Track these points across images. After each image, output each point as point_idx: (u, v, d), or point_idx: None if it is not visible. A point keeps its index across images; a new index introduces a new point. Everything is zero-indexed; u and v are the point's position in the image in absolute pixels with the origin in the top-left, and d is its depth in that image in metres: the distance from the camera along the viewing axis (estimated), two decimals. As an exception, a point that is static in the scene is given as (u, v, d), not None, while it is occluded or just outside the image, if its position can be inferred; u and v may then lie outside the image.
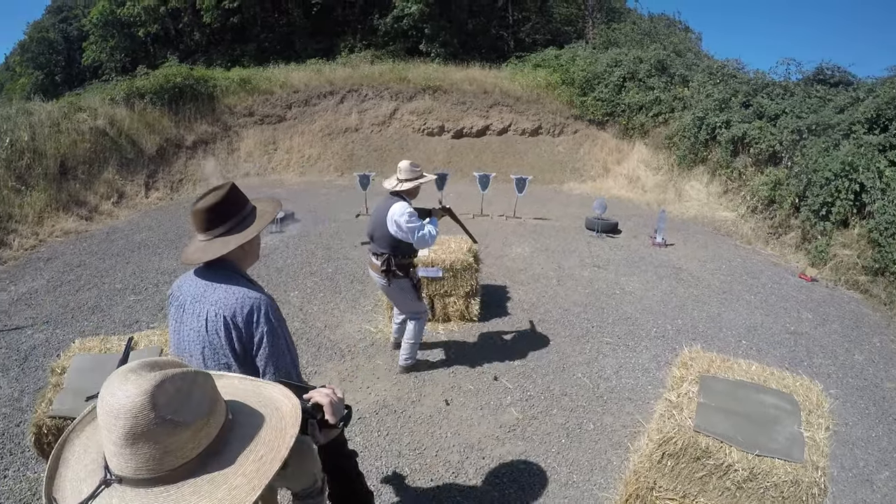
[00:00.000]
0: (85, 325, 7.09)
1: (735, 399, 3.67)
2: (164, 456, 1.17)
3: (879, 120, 11.08)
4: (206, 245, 2.47)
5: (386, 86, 18.59)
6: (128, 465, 1.17)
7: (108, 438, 1.17)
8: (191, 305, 2.49)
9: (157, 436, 1.15)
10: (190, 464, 1.22)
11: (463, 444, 4.95)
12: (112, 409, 1.15)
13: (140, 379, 1.18)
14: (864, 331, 7.99)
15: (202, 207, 2.44)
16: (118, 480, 1.20)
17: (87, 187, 12.36)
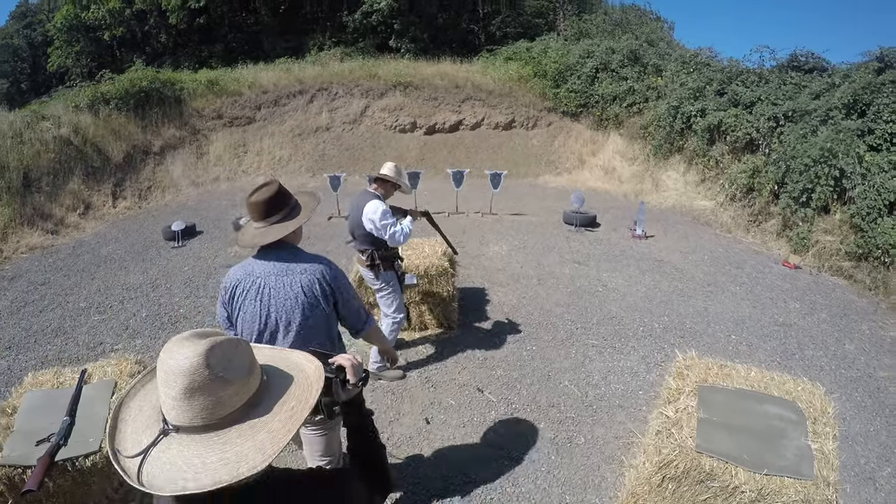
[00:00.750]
0: (48, 349, 6.73)
1: (737, 412, 3.42)
2: (215, 406, 1.41)
3: (857, 105, 10.98)
4: (266, 230, 2.97)
5: (356, 83, 18.23)
6: (185, 415, 1.40)
7: (167, 394, 1.40)
8: (277, 279, 2.98)
9: (209, 389, 1.39)
10: (235, 413, 1.45)
11: (446, 467, 4.66)
12: (172, 368, 1.39)
13: (195, 344, 1.42)
14: (852, 318, 7.85)
15: (260, 200, 2.93)
16: (175, 430, 1.43)
17: (52, 199, 11.89)
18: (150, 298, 8.05)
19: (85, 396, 3.54)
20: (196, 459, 1.39)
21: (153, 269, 9.14)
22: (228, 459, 1.39)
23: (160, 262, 9.47)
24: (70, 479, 3.20)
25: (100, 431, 3.33)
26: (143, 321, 7.39)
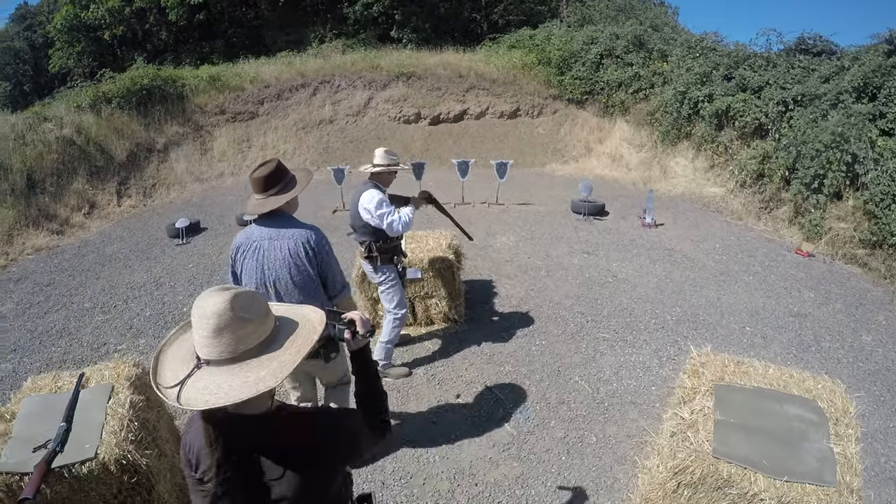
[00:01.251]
0: (52, 351, 6.65)
1: (755, 412, 3.28)
2: (238, 343, 1.74)
3: (867, 88, 10.76)
4: (264, 201, 3.50)
5: (359, 75, 18.07)
6: (214, 350, 1.73)
7: (200, 334, 1.74)
8: (269, 243, 3.55)
9: (233, 328, 1.72)
10: (254, 349, 1.79)
11: (453, 468, 4.55)
12: (204, 312, 1.72)
13: (221, 294, 1.75)
14: (868, 308, 7.67)
15: (259, 176, 3.47)
16: (206, 363, 1.76)
17: (56, 200, 11.83)
18: (154, 297, 7.98)
19: (82, 401, 3.53)
20: (224, 384, 1.71)
21: (157, 267, 9.06)
22: (248, 382, 1.72)
23: (164, 259, 9.40)
24: (67, 485, 3.13)
25: (96, 437, 3.26)
26: (146, 320, 7.31)
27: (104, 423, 3.37)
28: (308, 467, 1.93)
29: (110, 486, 3.26)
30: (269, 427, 1.91)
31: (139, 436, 3.45)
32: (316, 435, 1.99)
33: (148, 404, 3.87)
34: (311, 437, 1.98)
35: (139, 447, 3.37)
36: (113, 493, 3.30)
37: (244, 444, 1.86)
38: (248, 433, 1.86)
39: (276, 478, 1.87)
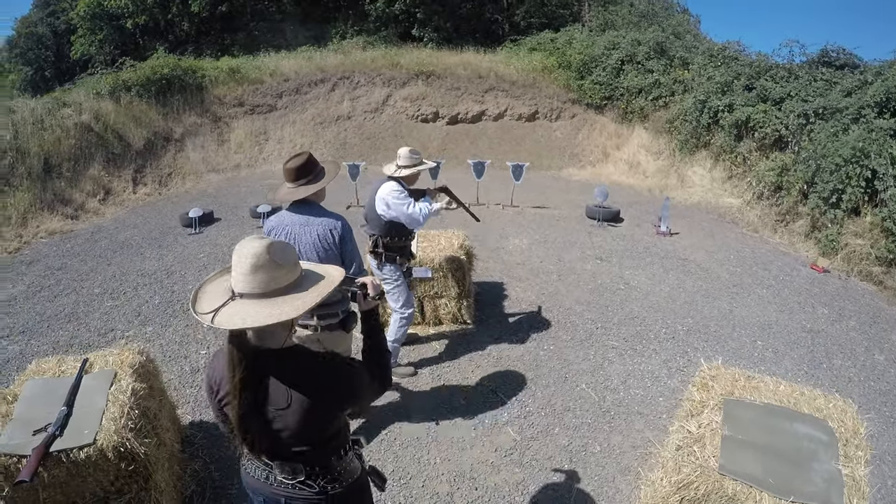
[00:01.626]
0: (60, 334, 6.64)
1: (764, 430, 3.22)
2: (269, 282, 2.02)
3: (889, 104, 10.61)
4: (295, 190, 3.81)
5: (378, 72, 18.08)
6: (248, 286, 2.01)
7: (238, 271, 2.02)
8: (301, 228, 3.85)
9: (267, 269, 2.01)
10: (282, 288, 2.05)
11: (453, 471, 4.50)
12: (245, 252, 2.01)
13: (261, 240, 2.06)
14: (881, 327, 7.56)
15: (291, 167, 3.76)
16: (240, 296, 2.03)
17: (72, 185, 11.87)
18: (164, 285, 7.97)
19: (84, 386, 3.57)
20: (252, 311, 1.99)
21: (169, 255, 9.06)
22: (273, 313, 1.99)
23: (176, 248, 9.39)
24: (65, 470, 3.15)
25: (95, 423, 3.28)
26: (155, 308, 7.30)
27: (105, 410, 3.39)
28: (311, 403, 2.16)
29: (108, 472, 3.27)
30: (283, 361, 2.17)
31: (139, 424, 3.46)
32: (322, 374, 2.25)
33: (150, 392, 3.89)
34: (318, 375, 2.23)
35: (138, 435, 3.38)
36: (110, 479, 3.31)
37: (261, 373, 2.12)
38: (264, 364, 2.12)
39: (283, 408, 2.14)
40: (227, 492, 4.25)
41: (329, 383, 2.23)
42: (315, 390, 2.18)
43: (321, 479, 2.36)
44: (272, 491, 2.36)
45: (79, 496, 3.28)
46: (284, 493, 2.34)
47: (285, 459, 2.28)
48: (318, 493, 2.35)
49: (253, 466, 2.38)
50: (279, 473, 2.30)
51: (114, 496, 3.37)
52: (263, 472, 2.34)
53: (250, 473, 2.40)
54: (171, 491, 3.79)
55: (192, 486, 4.23)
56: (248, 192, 12.97)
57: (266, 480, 2.35)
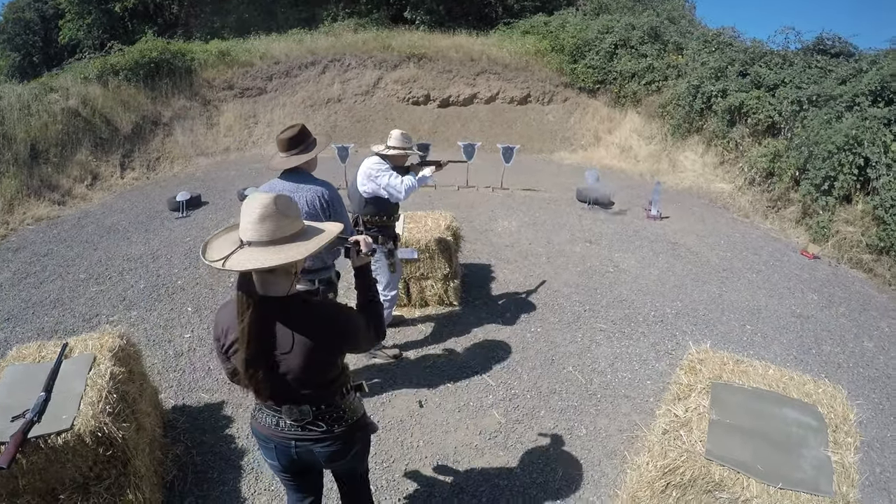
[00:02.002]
0: (45, 321, 6.55)
1: (752, 414, 3.17)
2: (275, 230, 2.25)
3: (884, 93, 10.55)
4: (287, 159, 3.95)
5: (369, 54, 17.88)
6: (256, 234, 2.24)
7: (247, 220, 2.24)
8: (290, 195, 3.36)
9: (273, 219, 2.24)
10: (286, 237, 2.29)
11: (437, 454, 4.45)
12: (254, 203, 2.24)
13: (269, 193, 2.30)
14: (871, 314, 7.53)
15: (284, 137, 3.92)
16: (248, 244, 2.25)
17: (59, 171, 11.68)
18: (150, 269, 7.87)
19: (64, 371, 3.53)
20: (260, 256, 2.22)
21: (155, 239, 8.94)
22: (279, 257, 2.22)
23: (163, 232, 9.27)
24: (43, 456, 3.12)
25: (73, 409, 3.25)
26: (140, 292, 7.22)
27: (83, 395, 3.36)
28: (313, 346, 2.38)
29: (86, 458, 3.25)
30: (287, 308, 2.37)
31: (117, 408, 3.42)
32: (323, 318, 2.46)
33: (130, 377, 3.85)
34: (319, 319, 2.44)
35: (116, 420, 3.35)
36: (89, 465, 3.29)
37: (267, 319, 2.32)
38: (270, 310, 2.33)
39: (287, 352, 2.36)
40: (209, 475, 4.21)
41: (329, 327, 2.45)
42: (316, 333, 2.40)
43: (327, 418, 2.61)
44: (282, 436, 2.62)
45: (58, 482, 3.25)
46: (294, 436, 2.61)
47: (293, 403, 2.52)
48: (325, 432, 2.61)
49: (263, 415, 2.63)
50: (287, 418, 2.56)
51: (93, 482, 3.34)
52: (273, 419, 2.60)
53: (261, 422, 2.66)
54: (151, 476, 3.75)
55: (174, 470, 4.20)
56: (237, 176, 12.84)
57: (276, 427, 2.61)
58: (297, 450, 2.66)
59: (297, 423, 2.57)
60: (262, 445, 2.76)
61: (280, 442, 2.65)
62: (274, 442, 2.66)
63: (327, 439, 2.63)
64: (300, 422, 2.56)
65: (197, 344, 6.04)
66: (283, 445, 2.66)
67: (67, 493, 3.27)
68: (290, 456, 2.70)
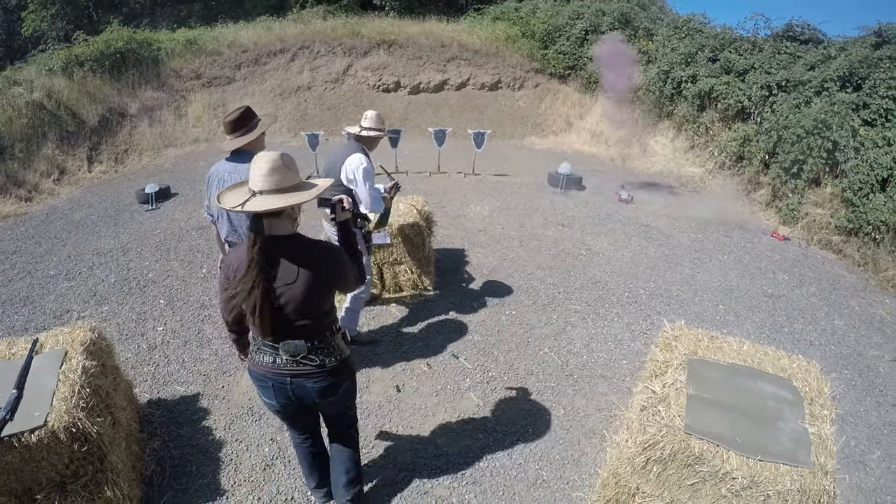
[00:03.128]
0: (15, 319, 6.39)
1: (729, 389, 3.19)
2: (282, 181, 2.67)
3: (852, 78, 10.71)
4: (233, 141, 4.14)
5: (339, 41, 17.71)
6: (266, 184, 2.65)
7: (257, 173, 2.66)
8: (229, 175, 4.11)
9: (280, 171, 2.67)
10: (291, 187, 2.71)
11: (416, 439, 4.44)
12: (263, 159, 2.67)
13: (275, 151, 2.76)
14: (841, 293, 7.67)
15: (229, 120, 4.11)
16: (259, 192, 2.66)
17: (25, 166, 11.36)
18: (120, 263, 7.72)
19: (35, 367, 3.45)
20: (270, 201, 2.63)
21: (125, 233, 8.76)
22: (290, 199, 2.66)
23: (132, 225, 9.09)
24: (18, 455, 3.06)
25: (46, 405, 3.18)
26: (111, 287, 7.08)
27: (55, 390, 3.29)
28: (314, 276, 2.76)
29: (61, 455, 3.19)
30: (292, 244, 2.78)
31: (91, 403, 3.37)
32: (322, 253, 2.87)
33: (102, 370, 3.79)
34: (319, 254, 2.84)
35: (90, 415, 3.30)
36: (65, 462, 3.24)
37: (273, 255, 2.71)
38: (276, 246, 2.72)
39: (291, 283, 2.73)
40: (187, 469, 4.17)
41: (327, 259, 2.86)
42: (317, 265, 2.78)
43: (320, 354, 2.95)
44: (278, 373, 2.94)
45: (34, 482, 3.20)
46: (289, 372, 2.93)
47: (289, 337, 2.85)
48: (318, 366, 2.94)
49: (261, 355, 2.94)
50: (284, 354, 2.88)
51: (70, 480, 3.29)
52: (270, 357, 2.91)
53: (258, 362, 2.95)
54: (129, 471, 3.70)
55: (152, 465, 4.16)
56: (207, 166, 12.51)
57: (273, 364, 2.93)
58: (292, 386, 2.98)
59: (292, 358, 2.89)
60: (260, 385, 3.08)
61: (276, 379, 2.97)
62: (271, 380, 2.97)
63: (319, 374, 2.97)
64: (295, 356, 2.89)
65: (171, 336, 5.95)
66: (279, 383, 2.98)
67: (44, 492, 3.22)
68: (287, 393, 3.02)
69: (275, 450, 4.35)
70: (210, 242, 8.19)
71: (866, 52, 10.85)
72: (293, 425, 3.43)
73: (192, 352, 5.67)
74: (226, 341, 5.73)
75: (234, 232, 4.40)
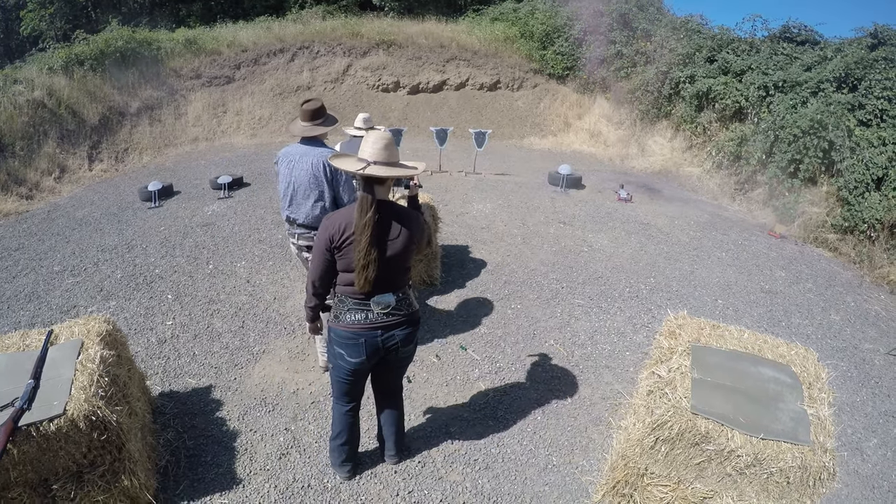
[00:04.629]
0: (21, 314, 6.43)
1: (731, 373, 3.32)
2: (392, 155, 3.21)
3: (848, 79, 10.91)
4: (311, 128, 4.58)
5: (338, 41, 17.79)
6: (381, 156, 3.17)
7: (375, 147, 3.17)
8: (300, 158, 4.54)
9: (390, 147, 3.20)
10: (397, 161, 3.25)
11: (428, 427, 4.57)
12: (377, 137, 3.19)
13: (386, 131, 3.43)
14: (837, 290, 7.82)
15: (310, 108, 4.55)
16: (374, 163, 3.15)
17: (26, 164, 11.40)
18: (126, 259, 7.77)
19: (51, 358, 3.44)
20: (384, 171, 3.14)
21: (129, 230, 8.82)
22: (401, 171, 3.22)
23: (136, 223, 9.13)
24: (35, 444, 3.03)
25: (65, 394, 3.16)
26: (117, 282, 7.13)
27: (73, 380, 3.27)
28: (410, 232, 3.26)
29: (79, 444, 3.17)
30: (392, 206, 3.25)
31: (109, 391, 3.37)
32: (413, 217, 3.34)
33: (119, 360, 3.79)
34: (412, 215, 3.35)
35: (109, 403, 3.30)
36: (83, 451, 3.22)
37: (380, 215, 3.12)
38: (381, 208, 3.15)
39: (394, 238, 3.21)
40: (202, 459, 4.22)
41: (417, 221, 3.35)
42: (411, 224, 3.28)
43: (403, 305, 3.42)
44: (371, 326, 3.34)
45: (51, 472, 3.20)
46: (381, 324, 3.35)
47: (384, 290, 3.31)
48: (403, 315, 3.41)
49: (351, 314, 3.33)
50: (376, 307, 3.31)
51: (87, 469, 3.29)
52: (362, 314, 3.32)
53: (348, 321, 3.33)
54: (145, 461, 3.72)
55: (167, 456, 4.19)
56: (208, 165, 12.72)
57: (366, 319, 3.33)
58: (382, 337, 3.39)
59: (383, 312, 3.33)
60: (349, 343, 3.38)
61: (368, 334, 3.35)
62: (363, 335, 3.35)
63: (404, 323, 3.44)
64: (386, 309, 3.33)
65: (180, 331, 6.01)
66: (371, 336, 3.36)
67: (61, 482, 3.22)
68: (376, 345, 3.39)
69: (289, 439, 4.42)
70: (216, 240, 8.30)
71: (862, 54, 11.05)
72: (352, 389, 3.70)
73: (203, 345, 5.73)
74: (236, 335, 5.87)
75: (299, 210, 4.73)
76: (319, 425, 4.55)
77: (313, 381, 5.14)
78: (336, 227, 3.19)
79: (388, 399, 3.96)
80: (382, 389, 3.93)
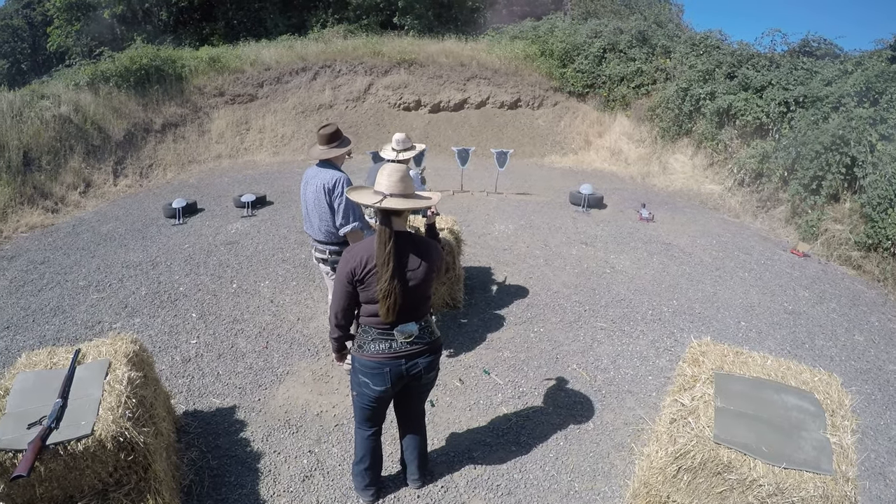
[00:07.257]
0: (46, 329, 6.55)
1: (755, 402, 3.32)
2: (407, 187, 3.24)
3: (869, 93, 10.79)
4: (327, 151, 4.83)
5: (360, 60, 17.98)
6: (396, 189, 3.20)
7: (390, 180, 3.21)
8: (312, 179, 4.89)
9: (405, 180, 3.24)
10: (412, 193, 3.29)
11: (451, 452, 4.59)
12: (392, 170, 3.24)
13: (401, 165, 3.47)
14: (861, 309, 7.75)
15: (326, 132, 4.81)
16: (390, 195, 3.20)
17: (52, 178, 11.62)
18: (150, 276, 7.90)
19: (78, 378, 3.50)
20: (400, 203, 3.19)
21: (153, 246, 8.96)
22: (417, 202, 3.29)
23: (161, 239, 9.28)
24: (62, 463, 3.09)
25: (93, 414, 3.22)
26: (142, 299, 7.25)
27: (101, 400, 3.33)
28: (430, 263, 3.34)
29: (106, 463, 3.23)
30: (411, 237, 3.33)
31: (136, 413, 3.42)
32: (432, 246, 3.44)
33: (145, 381, 3.84)
34: (431, 246, 3.42)
35: (136, 424, 3.35)
36: (109, 471, 3.28)
37: (399, 246, 3.20)
38: (400, 240, 3.22)
39: (414, 269, 3.28)
40: (226, 479, 4.26)
41: (435, 249, 3.44)
42: (430, 255, 3.35)
43: (425, 334, 3.49)
44: (395, 356, 3.41)
45: (76, 490, 3.25)
46: (405, 353, 3.42)
47: (407, 320, 3.37)
48: (426, 343, 3.49)
49: (375, 345, 3.40)
50: (400, 336, 3.37)
51: (112, 488, 3.33)
52: (386, 344, 3.39)
53: (373, 351, 3.40)
54: (169, 481, 3.75)
55: (190, 475, 4.23)
56: (231, 182, 12.88)
57: (389, 349, 3.40)
58: (406, 365, 3.45)
59: (406, 341, 3.40)
60: (374, 373, 3.45)
61: (393, 363, 3.42)
62: (388, 365, 3.42)
63: (427, 351, 3.51)
64: (410, 338, 3.40)
65: (204, 350, 6.09)
66: (395, 365, 3.43)
67: (86, 500, 3.27)
68: (400, 373, 3.46)
69: (313, 461, 4.46)
70: (240, 258, 8.41)
71: (882, 67, 10.98)
72: (375, 415, 3.76)
73: (227, 365, 5.81)
74: (260, 355, 5.94)
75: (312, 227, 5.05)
76: (343, 448, 4.59)
77: (337, 403, 5.18)
78: (357, 260, 3.26)
79: (411, 424, 4.01)
80: (405, 414, 3.98)
